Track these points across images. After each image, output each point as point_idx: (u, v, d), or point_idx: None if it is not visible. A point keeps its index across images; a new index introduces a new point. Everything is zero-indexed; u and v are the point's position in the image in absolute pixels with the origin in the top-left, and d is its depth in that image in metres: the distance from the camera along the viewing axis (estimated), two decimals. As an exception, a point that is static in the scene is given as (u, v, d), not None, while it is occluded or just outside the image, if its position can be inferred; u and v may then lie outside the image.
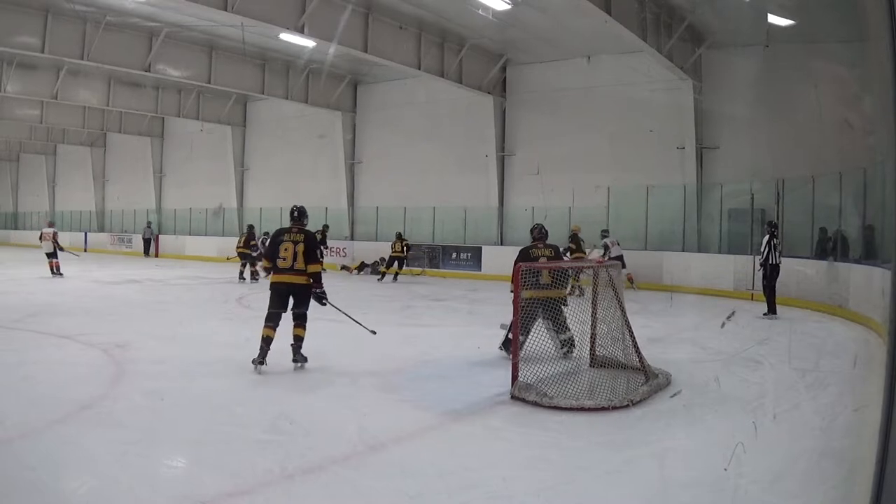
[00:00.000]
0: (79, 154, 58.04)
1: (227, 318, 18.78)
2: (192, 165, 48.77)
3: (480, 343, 13.85)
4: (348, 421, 8.94)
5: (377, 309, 20.48)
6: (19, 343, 14.51)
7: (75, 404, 9.50)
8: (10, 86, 35.11)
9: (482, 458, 7.77)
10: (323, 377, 11.60)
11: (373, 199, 37.11)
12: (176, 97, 41.35)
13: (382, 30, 27.06)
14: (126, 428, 8.57)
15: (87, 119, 47.32)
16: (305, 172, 40.76)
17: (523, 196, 31.68)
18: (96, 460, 7.51)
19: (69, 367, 12.28)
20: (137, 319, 18.31)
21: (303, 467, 7.32)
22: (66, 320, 17.55)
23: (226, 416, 9.18)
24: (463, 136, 33.83)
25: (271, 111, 42.51)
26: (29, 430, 8.44)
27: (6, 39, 26.71)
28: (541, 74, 31.61)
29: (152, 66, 30.75)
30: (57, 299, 21.77)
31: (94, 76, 37.39)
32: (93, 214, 57.19)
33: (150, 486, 6.81)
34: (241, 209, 44.29)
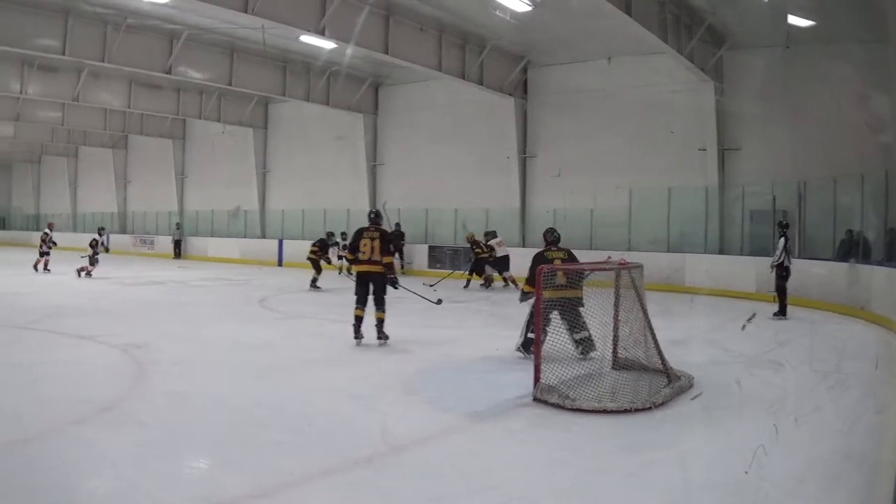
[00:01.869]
0: (100, 156, 58.34)
1: (250, 320, 18.81)
2: (213, 167, 49.00)
3: (500, 345, 13.84)
4: (370, 422, 9.00)
5: (398, 311, 20.42)
6: (39, 344, 14.73)
7: (95, 405, 9.58)
8: (32, 88, 35.32)
9: (503, 460, 7.81)
10: (345, 379, 11.62)
11: (396, 200, 36.86)
12: (197, 99, 41.43)
13: (403, 31, 27.12)
14: (146, 429, 8.68)
15: (108, 121, 47.43)
16: (327, 174, 40.85)
17: (545, 197, 31.71)
18: (115, 461, 7.55)
19: (89, 367, 12.43)
20: (159, 320, 18.42)
21: (323, 468, 7.36)
22: (88, 321, 17.70)
23: (246, 417, 9.25)
24: (484, 137, 33.84)
25: (293, 113, 42.50)
26: (47, 430, 8.49)
27: (27, 42, 26.85)
28: (562, 76, 31.63)
29: (173, 68, 30.88)
30: (78, 300, 21.93)
31: (115, 78, 37.52)
32: (114, 216, 57.35)
33: (170, 487, 6.84)
34: (263, 211, 44.32)
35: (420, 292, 14.07)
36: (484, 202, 33.25)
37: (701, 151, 27.32)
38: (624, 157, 29.35)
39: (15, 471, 7.16)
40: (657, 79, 28.10)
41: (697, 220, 26.97)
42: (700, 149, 27.32)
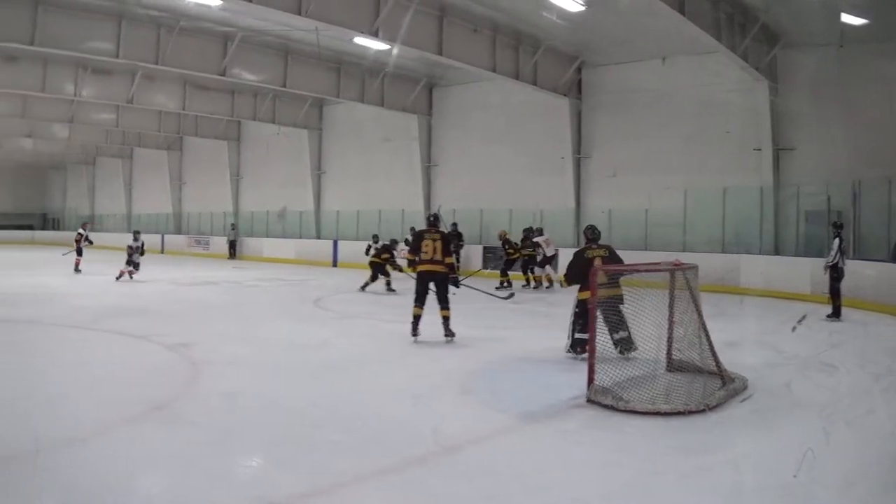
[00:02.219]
0: (155, 157, 59.35)
1: (304, 320, 19.07)
2: (268, 168, 49.72)
3: (548, 346, 13.98)
4: (424, 422, 9.06)
5: (455, 312, 20.54)
6: (96, 343, 15.04)
7: (150, 404, 9.79)
8: (86, 90, 36.14)
9: (557, 461, 7.86)
10: (400, 379, 11.83)
11: (450, 201, 37.08)
12: (251, 101, 42.11)
13: (457, 32, 27.29)
14: (200, 428, 8.84)
15: (162, 123, 48.32)
16: (382, 175, 41.47)
17: (600, 198, 31.93)
18: (170, 460, 7.73)
19: (145, 367, 12.66)
20: (214, 321, 18.87)
21: (377, 468, 7.42)
22: (143, 321, 18.02)
23: (301, 417, 9.37)
24: (538, 138, 34.11)
25: (347, 114, 43.28)
26: (104, 429, 8.67)
27: (81, 45, 27.47)
28: (616, 76, 31.95)
29: (227, 70, 31.40)
30: (134, 301, 22.42)
31: (169, 80, 38.24)
32: (169, 217, 58.50)
33: (224, 486, 6.98)
34: (318, 212, 44.88)
35: (490, 291, 14.08)
36: (538, 203, 33.40)
37: (756, 151, 27.38)
38: (679, 158, 29.52)
39: (71, 469, 7.32)
40: (711, 78, 28.32)
41: (752, 221, 26.99)
42: (755, 149, 27.38)
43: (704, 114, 28.94)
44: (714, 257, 26.35)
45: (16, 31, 25.50)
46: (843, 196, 24.41)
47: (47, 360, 13.26)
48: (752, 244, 26.72)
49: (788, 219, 26.75)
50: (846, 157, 24.97)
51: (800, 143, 26.99)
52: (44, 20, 25.72)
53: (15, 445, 7.91)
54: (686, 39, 25.61)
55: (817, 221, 25.17)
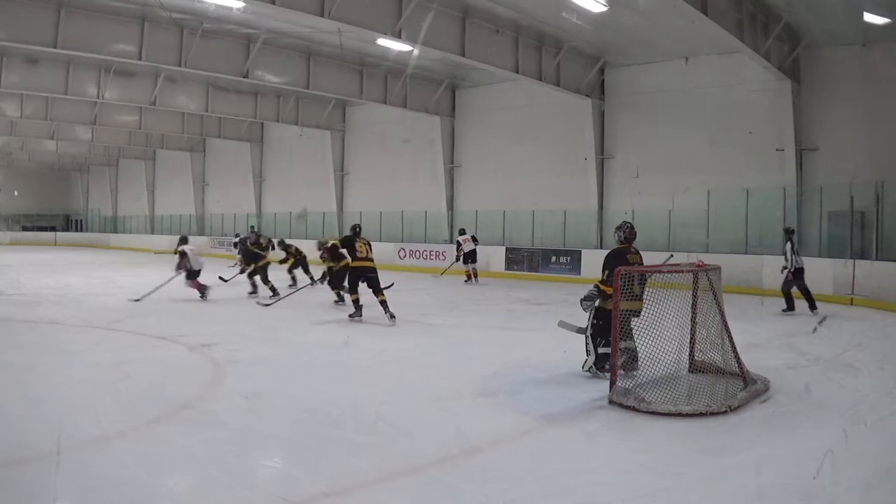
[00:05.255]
0: (178, 159, 60.24)
1: (327, 321, 19.08)
2: (291, 169, 50.37)
3: (568, 347, 13.62)
4: (445, 424, 9.16)
5: (476, 313, 20.72)
6: (118, 344, 15.27)
7: (174, 404, 10.02)
8: (109, 92, 36.52)
9: (579, 463, 7.89)
10: (421, 380, 11.90)
11: (472, 202, 37.80)
12: (275, 102, 42.56)
13: (479, 33, 27.46)
14: (224, 428, 9.02)
15: (185, 124, 48.95)
16: (405, 176, 42.01)
17: (623, 199, 31.91)
18: (193, 459, 7.88)
19: (168, 367, 12.90)
20: (237, 321, 18.99)
21: (398, 469, 7.53)
22: (166, 321, 18.40)
23: (323, 417, 9.48)
24: (561, 139, 34.43)
25: (370, 116, 43.82)
26: (127, 428, 8.82)
27: (104, 47, 27.77)
28: (639, 76, 32.14)
29: (250, 72, 31.72)
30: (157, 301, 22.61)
31: (192, 82, 38.62)
32: (192, 218, 59.02)
33: (247, 485, 7.12)
34: (342, 213, 45.34)
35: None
36: (562, 203, 33.72)
37: (779, 152, 27.42)
38: (702, 158, 29.71)
39: (97, 467, 7.50)
40: (734, 78, 28.51)
41: (776, 222, 26.81)
42: (778, 149, 27.46)
43: (727, 114, 29.06)
44: (737, 258, 26.39)
45: (38, 33, 25.70)
46: (867, 196, 24.46)
47: (72, 360, 13.51)
48: (775, 245, 26.69)
49: (811, 219, 26.74)
50: (869, 158, 25.12)
51: (823, 144, 27.08)
52: (66, 23, 25.91)
53: (40, 445, 8.07)
54: (709, 39, 25.78)
55: (840, 222, 25.27)
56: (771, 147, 27.67)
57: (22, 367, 12.66)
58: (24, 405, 9.93)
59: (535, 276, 32.05)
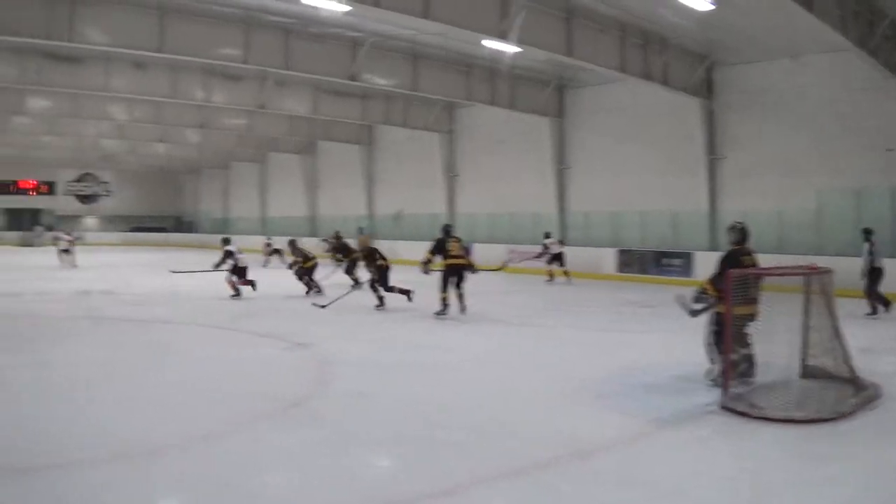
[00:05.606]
0: (289, 161, 61.67)
1: (434, 321, 19.57)
2: (401, 172, 51.28)
3: (688, 350, 13.52)
4: (554, 425, 9.39)
5: (585, 314, 21.28)
6: (226, 342, 16.34)
7: (279, 402, 10.52)
8: (217, 96, 37.91)
9: (689, 468, 8.01)
10: (530, 381, 12.15)
11: (582, 203, 38.42)
12: (383, 105, 43.35)
13: (585, 33, 27.50)
14: (328, 427, 9.39)
15: (295, 127, 50.19)
16: (514, 178, 42.48)
17: (733, 200, 32.16)
18: (297, 457, 8.23)
19: (274, 366, 13.62)
20: (346, 322, 19.51)
21: (504, 471, 7.63)
22: (272, 321, 19.23)
23: (427, 417, 9.77)
24: (670, 139, 34.73)
25: (478, 117, 44.31)
26: (235, 426, 9.34)
27: (210, 52, 28.78)
28: (747, 75, 31.94)
29: (357, 74, 32.21)
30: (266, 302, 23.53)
31: (299, 85, 39.67)
32: (304, 220, 60.26)
33: (348, 484, 7.35)
34: (452, 215, 45.59)
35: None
36: (671, 205, 33.77)
37: (889, 152, 26.87)
38: (811, 158, 29.49)
39: (203, 463, 7.91)
40: (841, 77, 28.28)
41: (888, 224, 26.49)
42: (888, 149, 26.96)
43: (834, 113, 28.80)
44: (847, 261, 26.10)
45: (143, 39, 26.78)
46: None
47: (181, 358, 14.35)
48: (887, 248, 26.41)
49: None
50: None
51: (935, 144, 26.63)
52: (170, 28, 26.93)
53: (147, 441, 8.56)
54: (815, 37, 25.57)
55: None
56: (880, 147, 27.41)
57: (132, 364, 13.45)
58: (132, 402, 10.50)
59: (645, 278, 32.28)
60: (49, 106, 42.50)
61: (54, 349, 14.90)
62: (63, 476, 7.40)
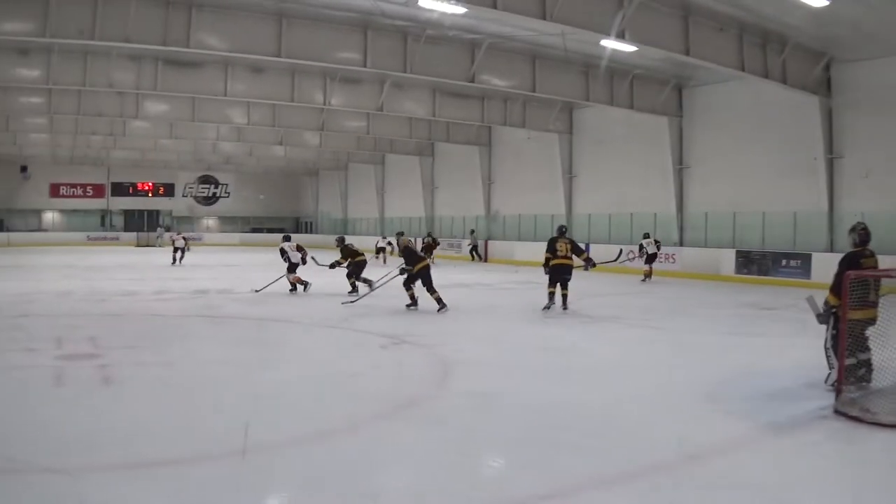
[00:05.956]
0: (407, 163, 63.21)
1: (553, 323, 19.82)
2: (519, 173, 52.17)
3: (807, 354, 13.15)
4: (668, 429, 9.40)
5: (702, 316, 21.84)
6: (346, 341, 16.69)
7: (400, 401, 10.77)
8: (335, 99, 39.41)
9: (801, 474, 8.01)
10: (645, 384, 12.19)
11: (701, 204, 38.89)
12: (501, 106, 44.37)
13: (702, 32, 27.97)
14: (447, 426, 9.49)
15: (413, 129, 51.57)
16: (633, 179, 43.17)
17: (853, 200, 31.99)
18: (415, 456, 8.37)
19: (395, 365, 13.99)
20: (465, 322, 19.96)
21: (619, 474, 7.73)
22: (392, 321, 19.58)
23: (546, 418, 9.80)
24: (789, 137, 34.78)
25: (597, 118, 45.14)
26: (353, 424, 9.52)
27: (327, 55, 30.11)
28: (867, 72, 31.60)
29: (476, 76, 33.17)
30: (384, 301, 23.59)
31: (418, 87, 41.07)
32: (422, 220, 61.56)
33: (466, 484, 7.46)
34: (570, 216, 46.50)
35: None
36: (790, 205, 34.28)
37: None
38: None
39: (321, 460, 8.10)
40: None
41: None
42: None
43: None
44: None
45: (262, 44, 28.33)
46: None
47: (299, 357, 14.81)
48: None
49: None
50: None
51: None
52: (289, 33, 28.57)
53: (266, 436, 8.86)
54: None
55: None
56: None
57: (250, 362, 13.95)
58: (252, 399, 10.86)
59: (764, 280, 32.47)
60: (167, 110, 44.91)
61: (174, 348, 15.50)
62: (184, 472, 7.72)
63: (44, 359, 13.59)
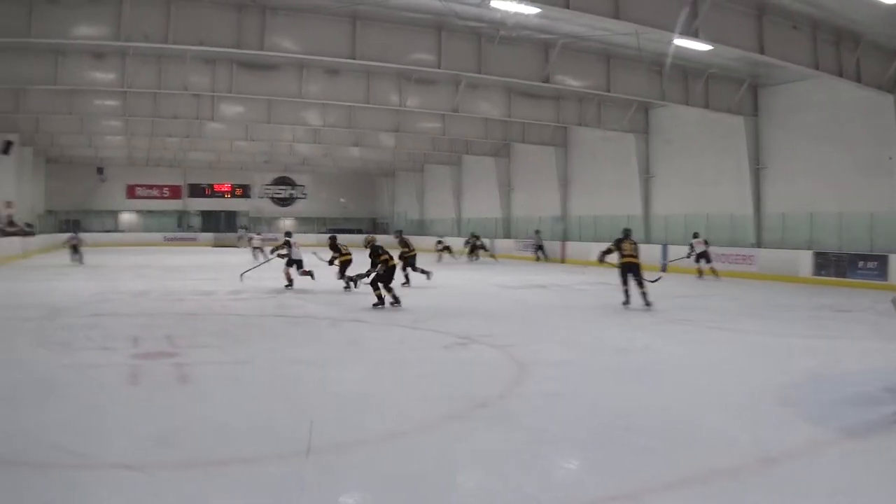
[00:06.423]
0: (483, 163, 64.01)
1: (628, 324, 19.88)
2: (595, 173, 52.65)
3: (885, 358, 13.75)
4: (740, 432, 9.42)
5: (778, 319, 21.58)
6: (420, 342, 16.82)
7: (473, 402, 10.87)
8: (410, 100, 40.37)
9: (875, 479, 7.96)
10: (718, 386, 12.24)
11: (778, 205, 38.75)
12: (576, 106, 44.87)
13: (776, 30, 28.00)
14: (520, 427, 9.64)
15: (488, 130, 52.25)
16: (709, 179, 43.48)
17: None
18: (486, 457, 8.48)
19: (468, 365, 14.04)
20: (541, 323, 20.30)
21: (688, 476, 7.81)
22: (466, 321, 19.82)
23: (618, 420, 9.91)
24: (866, 137, 34.55)
25: (672, 118, 45.39)
26: (426, 424, 9.77)
27: (404, 57, 30.88)
28: (942, 69, 31.74)
29: (550, 76, 33.63)
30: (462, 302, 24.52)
31: (492, 88, 41.78)
32: (498, 221, 62.23)
33: (537, 484, 7.56)
34: (647, 216, 47.07)
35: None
36: (866, 206, 34.00)
37: None
38: None
39: (393, 460, 8.32)
40: None
41: None
42: None
43: None
44: None
45: (336, 46, 29.17)
46: None
47: (372, 356, 15.02)
48: None
49: None
50: None
51: None
52: (362, 35, 29.27)
53: (337, 435, 9.13)
54: None
55: None
56: None
57: (323, 362, 14.17)
58: (324, 398, 11.17)
59: (842, 282, 32.29)
60: (243, 112, 46.34)
61: (250, 347, 15.79)
62: (258, 470, 7.92)
63: (120, 357, 14.07)
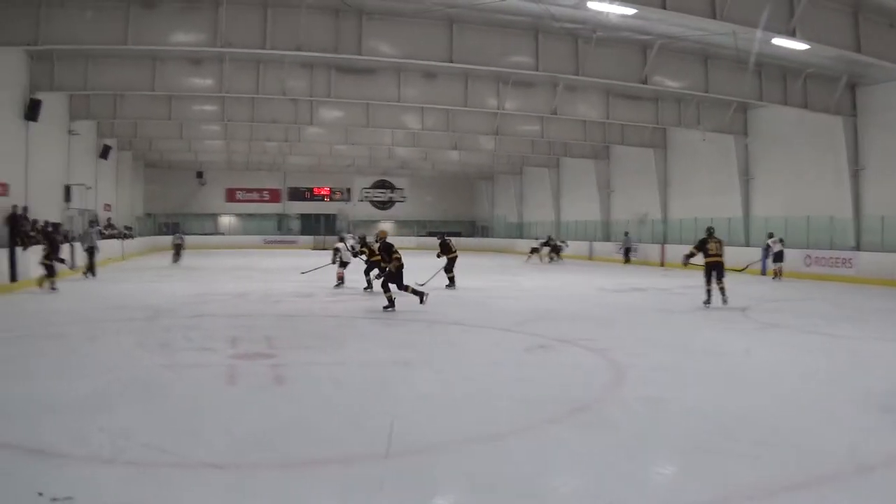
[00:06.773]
0: (582, 166, 64.33)
1: (728, 328, 19.67)
2: (695, 175, 52.70)
3: None
4: (839, 439, 9.31)
5: (876, 322, 21.46)
6: (518, 344, 16.85)
7: (571, 406, 10.94)
8: (509, 103, 41.20)
9: None
10: (818, 394, 12.15)
11: (878, 207, 38.14)
12: (675, 107, 45.36)
13: (872, 28, 28.22)
14: (617, 431, 9.67)
15: (587, 132, 52.69)
16: (808, 179, 43.12)
17: None
18: (584, 461, 8.55)
19: (567, 369, 14.07)
20: (641, 327, 20.18)
21: (785, 483, 7.76)
22: (569, 325, 19.91)
23: (716, 426, 9.89)
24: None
25: (771, 118, 45.23)
26: (522, 427, 9.81)
27: (501, 60, 31.69)
28: None
29: (649, 77, 34.19)
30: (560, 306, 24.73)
31: (591, 90, 42.48)
32: (598, 224, 62.70)
33: (633, 490, 7.60)
34: (747, 218, 47.14)
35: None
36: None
37: None
38: None
39: (489, 462, 8.36)
40: None
41: None
42: None
43: None
44: None
45: (433, 50, 30.33)
46: None
47: (471, 359, 15.11)
48: None
49: None
50: None
51: None
52: (460, 38, 30.25)
53: (430, 437, 9.25)
54: None
55: None
56: None
57: (416, 363, 14.47)
58: (417, 400, 11.32)
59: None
60: (342, 116, 47.71)
61: (347, 348, 16.22)
62: (351, 471, 8.04)
63: (218, 358, 14.58)
